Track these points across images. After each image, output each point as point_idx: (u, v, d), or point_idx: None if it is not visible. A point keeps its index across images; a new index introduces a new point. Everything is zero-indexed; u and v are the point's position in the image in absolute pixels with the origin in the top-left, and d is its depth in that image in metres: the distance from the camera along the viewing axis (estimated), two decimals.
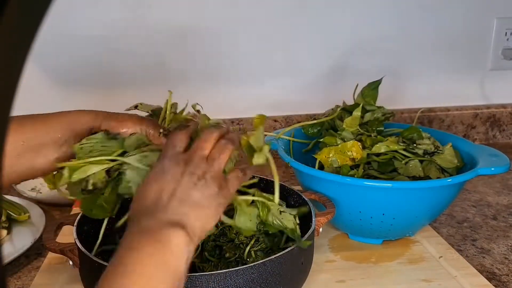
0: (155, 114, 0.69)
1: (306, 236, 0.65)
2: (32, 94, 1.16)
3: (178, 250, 0.46)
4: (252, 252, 0.70)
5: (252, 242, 0.70)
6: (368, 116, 0.91)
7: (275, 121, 1.27)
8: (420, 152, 0.84)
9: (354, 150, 0.82)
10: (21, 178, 0.59)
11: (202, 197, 0.51)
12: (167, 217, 0.48)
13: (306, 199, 0.75)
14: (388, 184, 0.75)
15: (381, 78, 0.94)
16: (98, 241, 0.65)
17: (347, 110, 0.92)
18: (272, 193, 0.82)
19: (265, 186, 0.82)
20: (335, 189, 0.78)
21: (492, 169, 0.78)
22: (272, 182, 0.81)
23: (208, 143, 0.54)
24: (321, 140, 0.89)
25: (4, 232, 0.85)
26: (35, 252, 0.84)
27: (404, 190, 0.77)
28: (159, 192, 0.50)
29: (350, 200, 0.78)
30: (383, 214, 0.78)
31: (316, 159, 0.86)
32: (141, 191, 0.51)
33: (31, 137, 0.57)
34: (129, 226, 0.49)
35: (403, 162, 0.83)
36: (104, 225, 0.65)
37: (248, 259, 0.68)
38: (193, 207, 0.50)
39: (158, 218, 0.48)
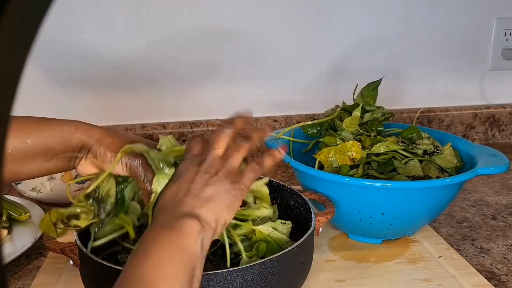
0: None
1: (306, 236, 0.65)
2: (32, 94, 1.16)
3: (191, 235, 0.49)
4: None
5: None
6: (367, 116, 0.91)
7: (275, 121, 1.28)
8: (420, 152, 0.84)
9: (354, 150, 0.83)
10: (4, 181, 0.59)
11: (214, 192, 0.54)
12: (181, 210, 0.51)
13: (306, 199, 0.76)
14: (387, 184, 0.76)
15: (381, 79, 0.94)
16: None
17: (347, 110, 0.93)
18: (272, 192, 0.83)
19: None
20: (334, 189, 0.79)
21: (492, 169, 0.78)
22: (273, 182, 0.82)
23: (221, 142, 0.57)
24: (321, 140, 0.89)
25: (5, 232, 0.86)
26: (36, 252, 0.84)
27: (403, 190, 0.77)
28: (176, 192, 0.54)
29: (350, 200, 0.78)
30: (383, 214, 0.78)
31: (316, 159, 0.86)
32: (161, 194, 0.56)
33: (20, 147, 0.56)
34: (149, 225, 0.53)
35: (403, 162, 0.83)
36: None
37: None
38: (205, 201, 0.53)
39: (173, 212, 0.52)
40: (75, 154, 0.59)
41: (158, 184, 0.57)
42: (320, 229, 0.71)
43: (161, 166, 0.59)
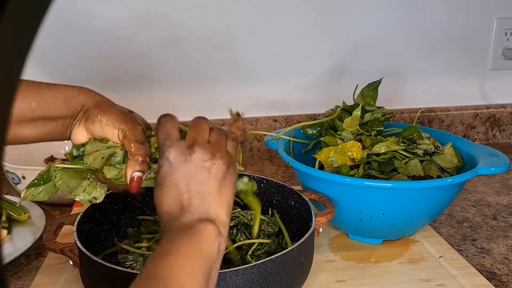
0: None
1: (306, 236, 0.65)
2: None
3: (209, 239, 0.47)
4: (256, 255, 0.70)
5: (255, 245, 0.71)
6: (368, 116, 0.91)
7: (275, 121, 1.27)
8: (420, 152, 0.84)
9: (354, 150, 0.83)
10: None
11: (218, 183, 0.50)
12: (193, 217, 0.48)
13: (306, 199, 0.76)
14: (388, 184, 0.75)
15: (381, 79, 0.94)
16: None
17: (347, 110, 0.92)
18: (272, 192, 0.83)
19: (266, 185, 0.83)
20: (335, 189, 0.78)
21: (492, 169, 0.78)
22: (273, 182, 0.82)
23: (204, 124, 0.53)
24: (321, 140, 0.89)
25: (5, 232, 0.86)
26: (35, 252, 0.84)
27: (404, 190, 0.77)
28: (179, 195, 0.49)
29: (350, 200, 0.78)
30: (383, 214, 0.78)
31: (316, 159, 0.86)
32: (159, 197, 0.51)
33: (23, 110, 0.55)
34: (163, 232, 0.50)
35: (403, 162, 0.83)
36: None
37: (252, 260, 0.68)
38: (213, 198, 0.50)
39: (185, 221, 0.48)
40: (72, 119, 0.57)
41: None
42: (320, 229, 0.71)
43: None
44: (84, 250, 0.61)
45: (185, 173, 0.50)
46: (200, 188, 0.49)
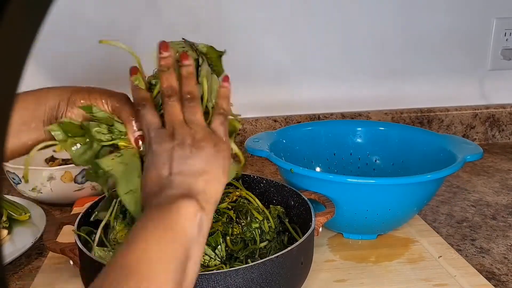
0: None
1: (306, 235, 0.65)
2: None
3: (187, 216, 0.46)
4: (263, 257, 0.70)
5: (263, 245, 0.70)
6: None
7: (275, 121, 1.28)
8: None
9: None
10: None
11: (201, 161, 0.50)
12: (173, 192, 0.47)
13: (306, 199, 0.76)
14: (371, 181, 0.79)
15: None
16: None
17: None
18: (272, 192, 0.83)
19: (265, 185, 0.83)
20: (332, 188, 0.79)
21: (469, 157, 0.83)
22: (273, 182, 0.82)
23: (175, 108, 0.53)
24: None
25: (5, 232, 0.86)
26: (36, 252, 0.84)
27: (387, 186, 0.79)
28: (158, 175, 0.49)
29: (348, 198, 0.79)
30: (367, 210, 0.80)
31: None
32: (143, 181, 0.51)
33: None
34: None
35: None
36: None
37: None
38: (197, 174, 0.49)
39: (164, 196, 0.47)
40: (53, 113, 0.57)
41: None
42: (320, 229, 0.71)
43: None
44: (84, 250, 0.62)
45: (166, 156, 0.50)
46: (181, 167, 0.49)
